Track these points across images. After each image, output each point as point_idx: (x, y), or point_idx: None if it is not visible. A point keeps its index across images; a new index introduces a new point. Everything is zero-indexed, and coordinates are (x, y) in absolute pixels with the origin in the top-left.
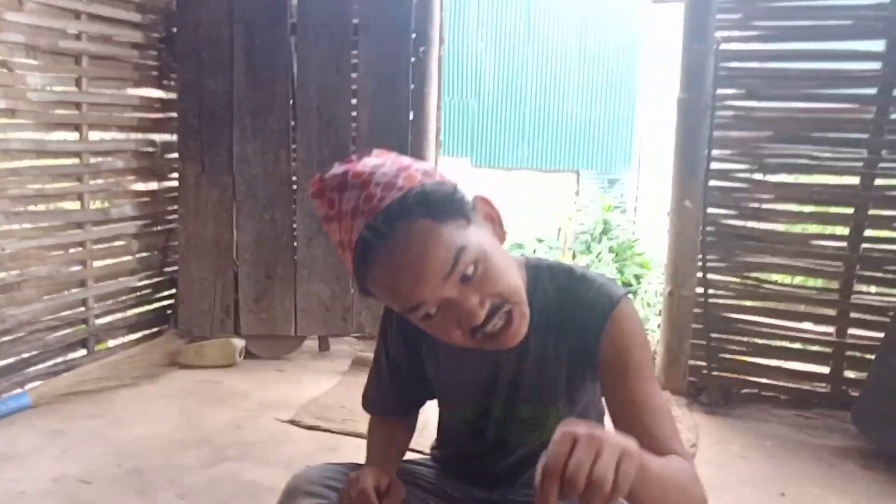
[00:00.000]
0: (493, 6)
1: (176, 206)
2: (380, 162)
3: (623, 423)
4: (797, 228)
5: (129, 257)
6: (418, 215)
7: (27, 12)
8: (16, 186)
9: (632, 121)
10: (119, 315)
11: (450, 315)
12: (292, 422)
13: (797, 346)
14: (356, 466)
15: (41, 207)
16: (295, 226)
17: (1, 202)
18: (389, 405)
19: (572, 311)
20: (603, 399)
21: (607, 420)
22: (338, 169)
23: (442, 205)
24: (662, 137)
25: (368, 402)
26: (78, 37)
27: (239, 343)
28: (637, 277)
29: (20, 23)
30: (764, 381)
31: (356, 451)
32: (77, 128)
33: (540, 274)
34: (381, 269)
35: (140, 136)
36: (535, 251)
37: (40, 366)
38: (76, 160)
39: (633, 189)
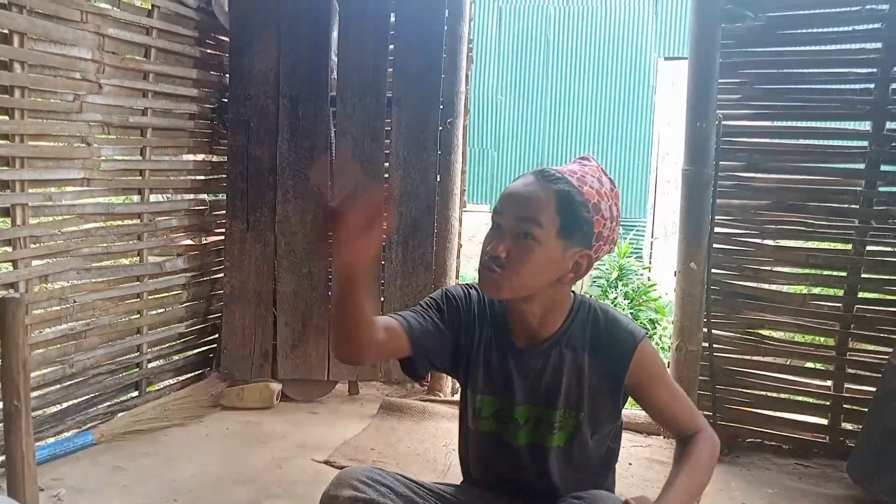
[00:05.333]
0: (512, 61)
1: (221, 259)
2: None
3: (662, 418)
4: (795, 289)
5: (178, 306)
6: (555, 191)
7: (104, 94)
8: (87, 246)
9: (646, 170)
10: (167, 359)
11: (494, 236)
12: (327, 462)
13: (798, 398)
14: (398, 474)
15: (107, 263)
16: (330, 279)
17: (75, 260)
18: (401, 320)
19: (604, 341)
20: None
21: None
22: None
23: (570, 208)
24: (676, 185)
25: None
26: (144, 112)
27: (276, 386)
28: (652, 322)
29: (98, 103)
30: (766, 430)
31: None
32: (140, 192)
33: (583, 306)
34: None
35: (192, 196)
36: None
37: (100, 406)
38: (137, 220)
39: (649, 236)
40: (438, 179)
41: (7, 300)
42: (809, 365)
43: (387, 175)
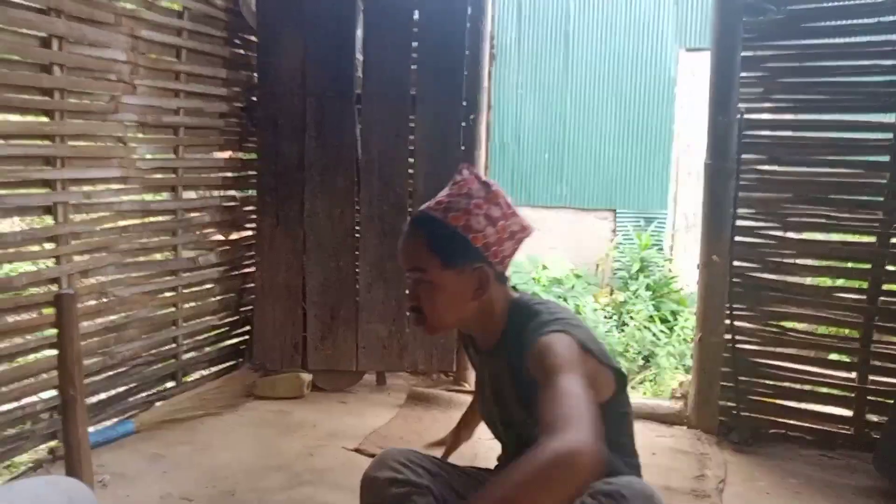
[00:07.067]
0: (532, 54)
1: (252, 254)
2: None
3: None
4: (818, 281)
5: (211, 299)
6: (423, 234)
7: (139, 95)
8: (125, 242)
9: (667, 161)
10: (201, 351)
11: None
12: (357, 450)
13: (822, 390)
14: (434, 458)
15: (143, 259)
16: (357, 272)
17: (113, 256)
18: None
19: (522, 339)
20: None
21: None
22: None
23: (441, 242)
24: (698, 177)
25: None
26: (176, 112)
27: (307, 377)
28: (674, 313)
29: (133, 104)
30: (790, 422)
31: None
32: (173, 189)
33: (519, 309)
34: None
35: (223, 192)
36: (573, 286)
37: (139, 396)
38: (172, 217)
39: (670, 227)
40: None
41: (63, 296)
42: (833, 356)
43: (411, 171)
